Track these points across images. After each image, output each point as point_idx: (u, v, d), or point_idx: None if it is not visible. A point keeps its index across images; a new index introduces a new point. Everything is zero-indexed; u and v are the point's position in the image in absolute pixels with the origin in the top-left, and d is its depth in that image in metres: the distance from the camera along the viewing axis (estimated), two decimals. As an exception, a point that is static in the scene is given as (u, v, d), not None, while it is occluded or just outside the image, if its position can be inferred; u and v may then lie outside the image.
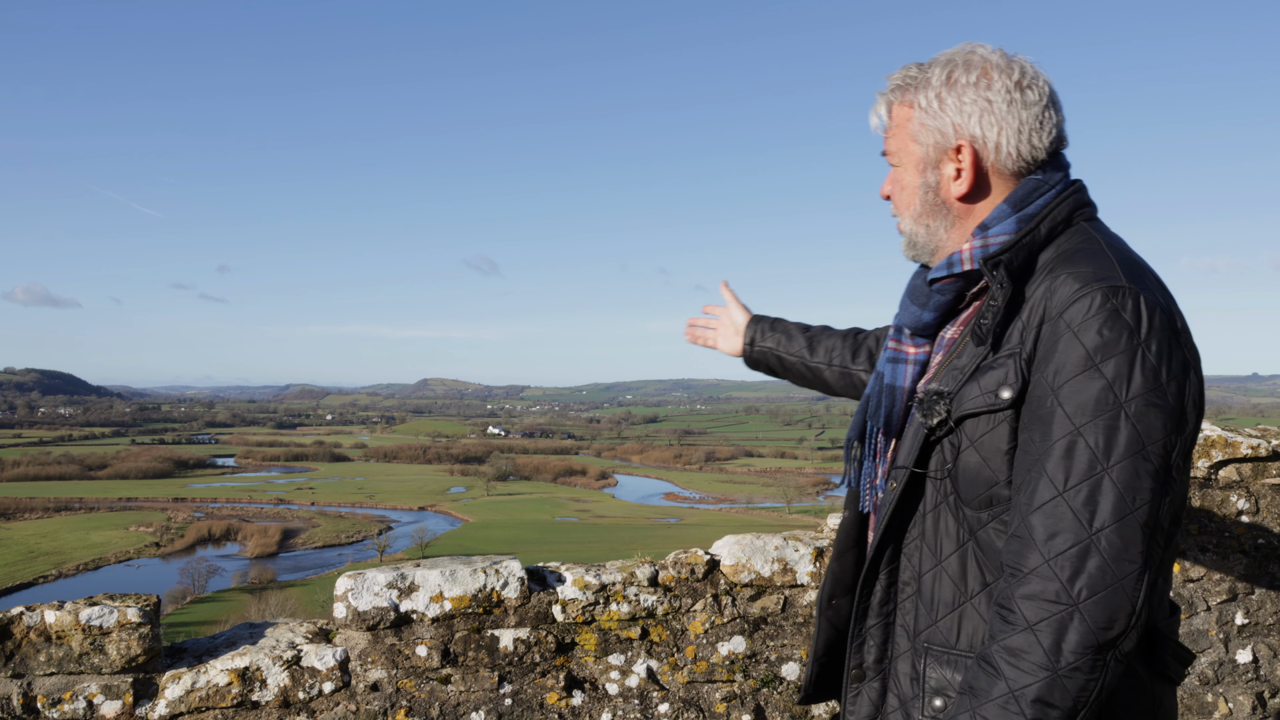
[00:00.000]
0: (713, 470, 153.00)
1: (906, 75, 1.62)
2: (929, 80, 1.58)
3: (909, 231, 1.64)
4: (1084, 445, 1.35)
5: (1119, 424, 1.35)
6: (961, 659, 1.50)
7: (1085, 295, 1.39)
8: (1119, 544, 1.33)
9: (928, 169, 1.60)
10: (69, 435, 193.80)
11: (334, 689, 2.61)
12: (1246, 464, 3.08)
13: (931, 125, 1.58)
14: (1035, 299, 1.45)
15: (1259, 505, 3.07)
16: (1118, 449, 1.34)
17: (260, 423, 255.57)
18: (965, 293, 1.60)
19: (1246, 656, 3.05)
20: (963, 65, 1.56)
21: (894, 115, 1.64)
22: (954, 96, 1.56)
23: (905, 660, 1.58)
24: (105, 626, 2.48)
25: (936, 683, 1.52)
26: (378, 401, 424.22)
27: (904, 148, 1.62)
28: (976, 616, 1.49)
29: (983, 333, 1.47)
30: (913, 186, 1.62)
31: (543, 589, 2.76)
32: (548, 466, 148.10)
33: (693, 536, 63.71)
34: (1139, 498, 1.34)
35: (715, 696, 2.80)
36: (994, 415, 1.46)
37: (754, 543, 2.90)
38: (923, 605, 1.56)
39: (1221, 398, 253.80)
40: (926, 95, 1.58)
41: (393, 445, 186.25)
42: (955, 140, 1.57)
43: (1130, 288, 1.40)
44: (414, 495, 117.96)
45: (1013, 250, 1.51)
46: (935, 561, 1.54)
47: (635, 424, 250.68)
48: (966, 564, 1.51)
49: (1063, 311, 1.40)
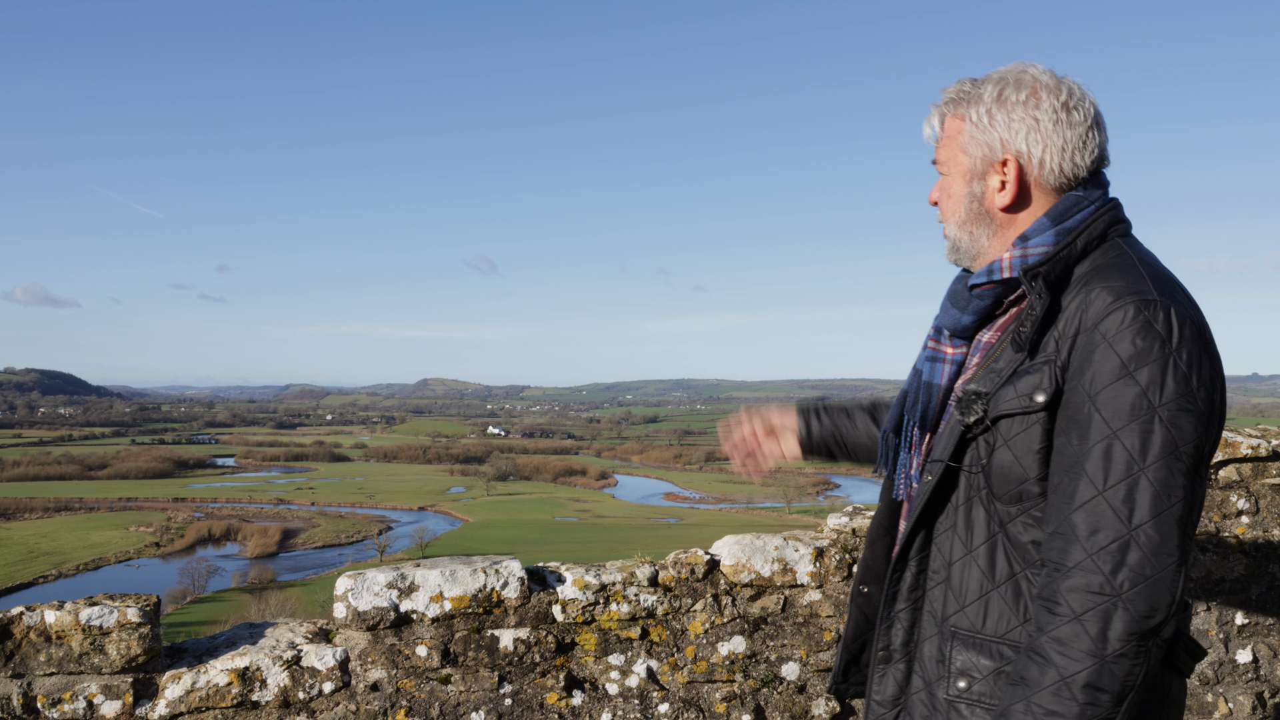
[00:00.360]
0: (713, 470, 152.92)
1: (960, 90, 1.71)
2: (981, 96, 1.67)
3: (953, 237, 1.73)
4: (1121, 447, 1.44)
5: (1153, 427, 1.44)
6: (987, 643, 1.59)
7: (1119, 308, 1.49)
8: (1157, 538, 1.43)
9: (974, 179, 1.69)
10: (69, 435, 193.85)
11: (334, 689, 2.61)
12: (1246, 464, 3.08)
13: (980, 139, 1.67)
14: (1071, 310, 1.54)
15: (1259, 505, 3.07)
16: (1153, 450, 1.44)
17: (260, 423, 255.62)
18: (1003, 299, 1.68)
19: (1246, 656, 3.05)
20: (1014, 84, 1.66)
21: (946, 127, 1.73)
22: (1004, 113, 1.65)
23: (931, 644, 1.67)
24: (105, 626, 2.48)
25: (962, 665, 1.61)
26: (378, 401, 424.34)
27: (953, 158, 1.71)
28: (1002, 604, 1.58)
29: (1021, 340, 1.57)
30: (959, 195, 1.71)
31: (543, 589, 2.76)
32: (548, 466, 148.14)
33: (693, 536, 63.72)
34: (1174, 495, 1.44)
35: (715, 696, 2.80)
36: (1028, 417, 1.55)
37: (754, 543, 2.90)
38: (951, 592, 1.64)
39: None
40: (978, 110, 1.67)
41: (393, 445, 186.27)
42: (1002, 154, 1.66)
43: (1161, 301, 1.49)
44: (414, 495, 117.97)
45: (1050, 262, 1.59)
46: (965, 551, 1.63)
47: (635, 424, 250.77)
48: (995, 555, 1.60)
49: (1098, 323, 1.49)
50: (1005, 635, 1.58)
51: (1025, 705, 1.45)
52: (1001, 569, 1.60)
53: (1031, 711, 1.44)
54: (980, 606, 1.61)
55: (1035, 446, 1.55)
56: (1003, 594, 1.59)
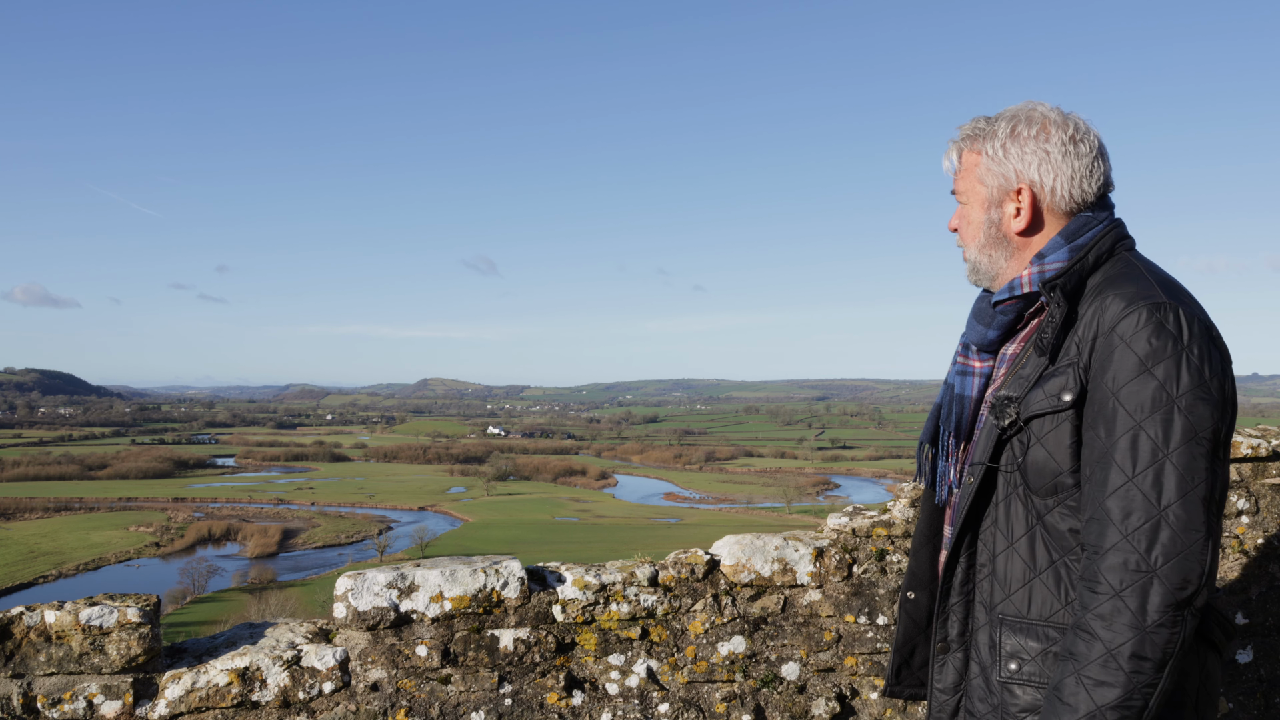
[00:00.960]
0: (713, 470, 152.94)
1: (976, 126, 1.91)
2: (995, 132, 1.87)
3: (974, 260, 1.92)
4: (1146, 437, 1.61)
5: (1174, 417, 1.60)
6: (1033, 627, 1.74)
7: (1133, 311, 1.66)
8: (1185, 517, 1.58)
9: (991, 207, 1.89)
10: (69, 435, 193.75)
11: (334, 689, 2.61)
12: (1246, 464, 3.08)
13: (996, 170, 1.87)
14: (1088, 317, 1.73)
15: (1259, 505, 3.07)
16: (1175, 438, 1.60)
17: (260, 423, 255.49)
18: (1024, 313, 1.87)
19: (1247, 657, 3.05)
20: (1025, 120, 1.86)
21: (963, 160, 1.93)
22: (1017, 147, 1.85)
23: (984, 632, 1.82)
24: (105, 626, 2.48)
25: (1011, 648, 1.76)
26: (378, 401, 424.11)
27: (971, 188, 1.91)
28: (1044, 590, 1.74)
29: (1044, 346, 1.74)
30: (978, 222, 1.90)
31: (543, 589, 2.76)
32: (548, 466, 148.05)
33: (693, 536, 63.71)
34: (1197, 477, 1.59)
35: (715, 696, 2.80)
36: (1057, 415, 1.72)
37: (754, 543, 2.90)
38: (997, 583, 1.80)
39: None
40: (993, 145, 1.87)
41: (393, 445, 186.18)
42: (1016, 184, 1.86)
43: (1170, 303, 1.67)
44: (414, 495, 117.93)
45: (1066, 275, 1.78)
46: (1008, 544, 1.79)
47: (635, 424, 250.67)
48: (1035, 545, 1.76)
49: (1114, 326, 1.67)
50: (1050, 618, 1.74)
51: (1076, 678, 1.59)
52: (1041, 557, 1.75)
53: (1083, 683, 1.58)
54: (1025, 594, 1.76)
55: (1066, 442, 1.70)
56: (1044, 580, 1.74)
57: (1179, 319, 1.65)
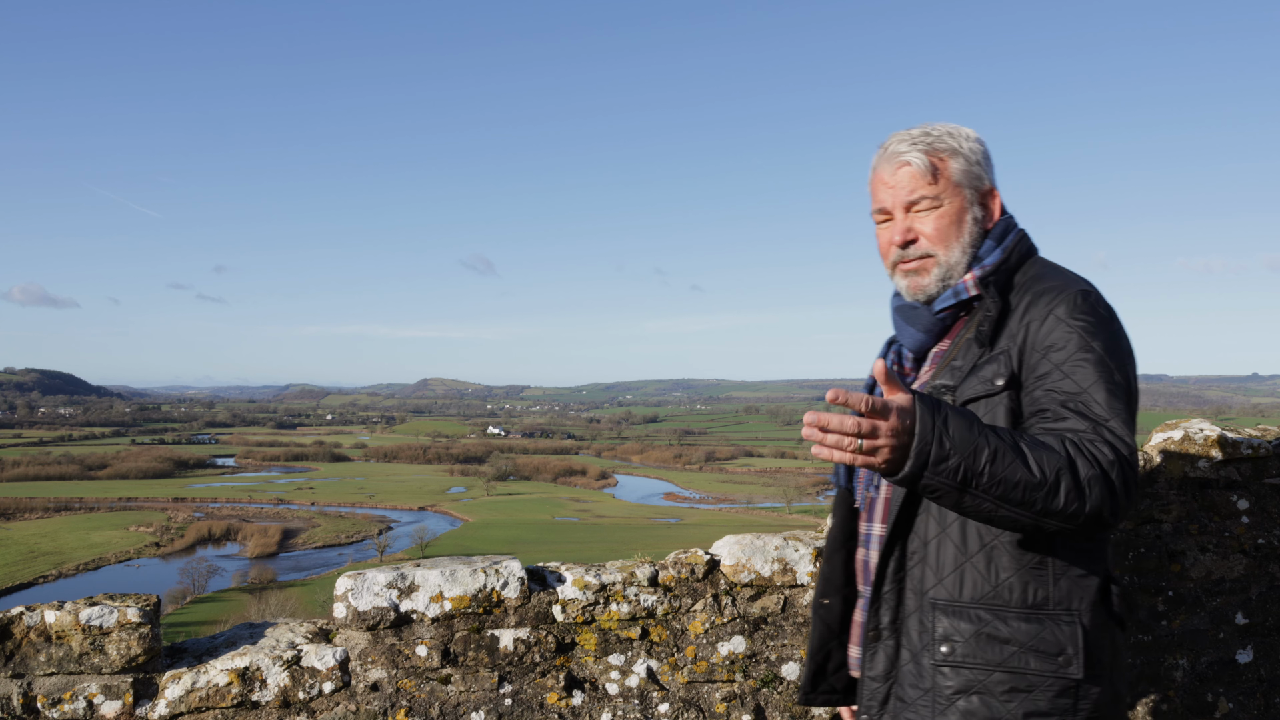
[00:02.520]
0: (713, 470, 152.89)
1: (928, 133, 1.99)
2: (955, 135, 1.99)
3: (954, 262, 1.97)
4: (1091, 398, 1.73)
5: (1115, 381, 1.76)
6: (966, 609, 1.79)
7: (1068, 296, 1.84)
8: (1132, 437, 1.73)
9: (973, 207, 1.98)
10: (69, 435, 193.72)
11: (334, 689, 2.61)
12: (1246, 464, 3.07)
13: (975, 172, 1.98)
14: (1021, 307, 1.87)
15: (1259, 505, 3.07)
16: (1118, 399, 1.74)
17: (260, 423, 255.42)
18: (956, 313, 1.98)
19: (1247, 657, 3.05)
20: (964, 132, 2.00)
21: (934, 165, 1.97)
22: (978, 153, 2.00)
23: (915, 618, 1.86)
24: (105, 626, 2.48)
25: (944, 632, 1.80)
26: (378, 401, 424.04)
27: (944, 192, 1.97)
28: (975, 573, 1.80)
29: (984, 337, 1.86)
30: (965, 223, 1.98)
31: (543, 589, 2.76)
32: (548, 466, 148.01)
33: (693, 536, 63.68)
34: (1132, 428, 1.75)
35: (715, 696, 2.80)
36: (991, 399, 1.82)
37: (754, 543, 2.90)
38: (929, 568, 1.84)
39: (1221, 398, 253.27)
40: (963, 149, 1.98)
41: (393, 445, 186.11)
42: (987, 185, 2.01)
43: (1093, 289, 1.88)
44: (414, 495, 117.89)
45: (998, 272, 1.95)
46: (940, 529, 1.83)
47: (635, 424, 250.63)
48: (967, 529, 1.81)
49: (1052, 309, 1.83)
50: (981, 600, 1.79)
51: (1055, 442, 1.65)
52: (973, 541, 1.81)
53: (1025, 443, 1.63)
54: (956, 577, 1.81)
55: (1000, 424, 1.78)
56: (975, 564, 1.80)
57: (1101, 300, 1.86)
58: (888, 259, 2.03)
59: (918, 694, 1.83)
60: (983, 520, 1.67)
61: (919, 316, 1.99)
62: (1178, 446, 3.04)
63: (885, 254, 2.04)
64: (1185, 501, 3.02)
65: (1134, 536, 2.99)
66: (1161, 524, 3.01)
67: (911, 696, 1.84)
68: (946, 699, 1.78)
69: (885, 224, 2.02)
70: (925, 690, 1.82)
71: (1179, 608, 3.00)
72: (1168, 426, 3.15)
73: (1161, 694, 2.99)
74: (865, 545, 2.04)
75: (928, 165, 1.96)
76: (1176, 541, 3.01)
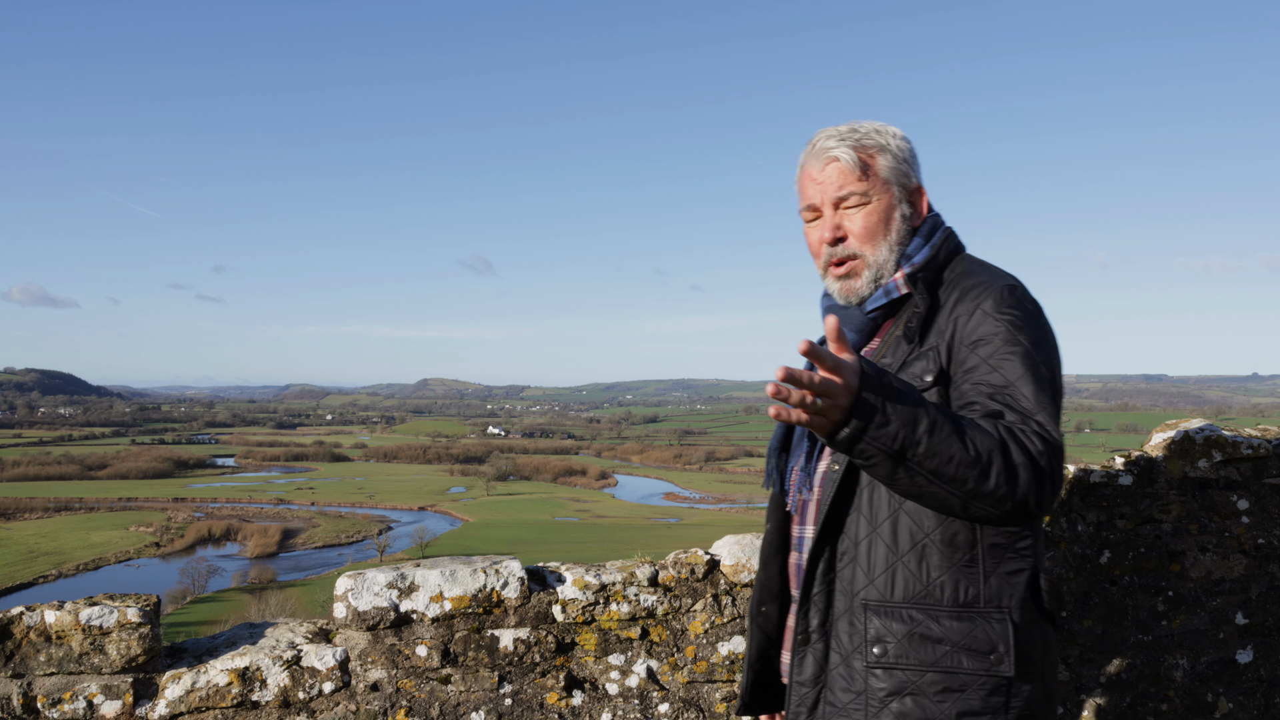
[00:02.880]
0: (713, 470, 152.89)
1: (855, 131, 1.98)
2: (884, 133, 1.98)
3: (884, 260, 1.96)
4: (1019, 392, 1.73)
5: (1042, 373, 1.76)
6: (897, 609, 1.78)
7: (995, 290, 1.85)
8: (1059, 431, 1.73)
9: (901, 204, 1.98)
10: (69, 435, 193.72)
11: (334, 689, 2.61)
12: (1246, 464, 3.07)
13: (901, 169, 1.98)
14: (950, 302, 1.88)
15: (1259, 505, 3.07)
16: (1045, 393, 1.74)
17: (260, 423, 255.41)
18: (889, 314, 1.98)
19: (1247, 657, 3.05)
20: (891, 130, 2.00)
21: (863, 162, 1.96)
22: (906, 150, 1.99)
23: (845, 620, 1.84)
24: (105, 626, 2.48)
25: (875, 633, 1.78)
26: (378, 401, 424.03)
27: (873, 189, 1.96)
28: (907, 572, 1.79)
29: (912, 334, 1.88)
30: (894, 220, 1.97)
31: (543, 589, 2.76)
32: (548, 466, 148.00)
33: (693, 536, 63.65)
34: (1059, 421, 1.75)
35: (715, 696, 2.80)
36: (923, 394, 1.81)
37: (754, 543, 2.90)
38: (859, 569, 1.82)
39: (1221, 398, 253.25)
40: (891, 146, 1.98)
41: (393, 445, 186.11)
42: (915, 183, 2.00)
43: (1019, 283, 1.88)
44: (414, 495, 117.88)
45: (926, 269, 1.95)
46: (871, 529, 1.82)
47: (635, 424, 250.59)
48: (898, 528, 1.80)
49: (979, 304, 1.83)
50: (913, 599, 1.77)
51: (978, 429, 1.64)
52: (904, 540, 1.79)
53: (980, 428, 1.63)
54: (888, 577, 1.79)
55: None
56: (907, 563, 1.78)
57: (1028, 294, 1.87)
58: (819, 259, 2.02)
59: (849, 697, 1.80)
60: (912, 497, 1.66)
61: (850, 316, 1.99)
62: (1178, 446, 3.04)
63: (816, 253, 2.02)
64: (1185, 501, 3.02)
65: (1134, 536, 2.99)
66: (1161, 524, 3.01)
67: (843, 700, 1.81)
68: (880, 701, 1.76)
69: (814, 221, 2.01)
70: (857, 693, 1.79)
71: (1179, 608, 3.00)
72: (1168, 426, 3.15)
73: (1161, 694, 2.99)
74: (798, 549, 2.01)
75: (857, 161, 1.94)
76: (1176, 541, 3.01)
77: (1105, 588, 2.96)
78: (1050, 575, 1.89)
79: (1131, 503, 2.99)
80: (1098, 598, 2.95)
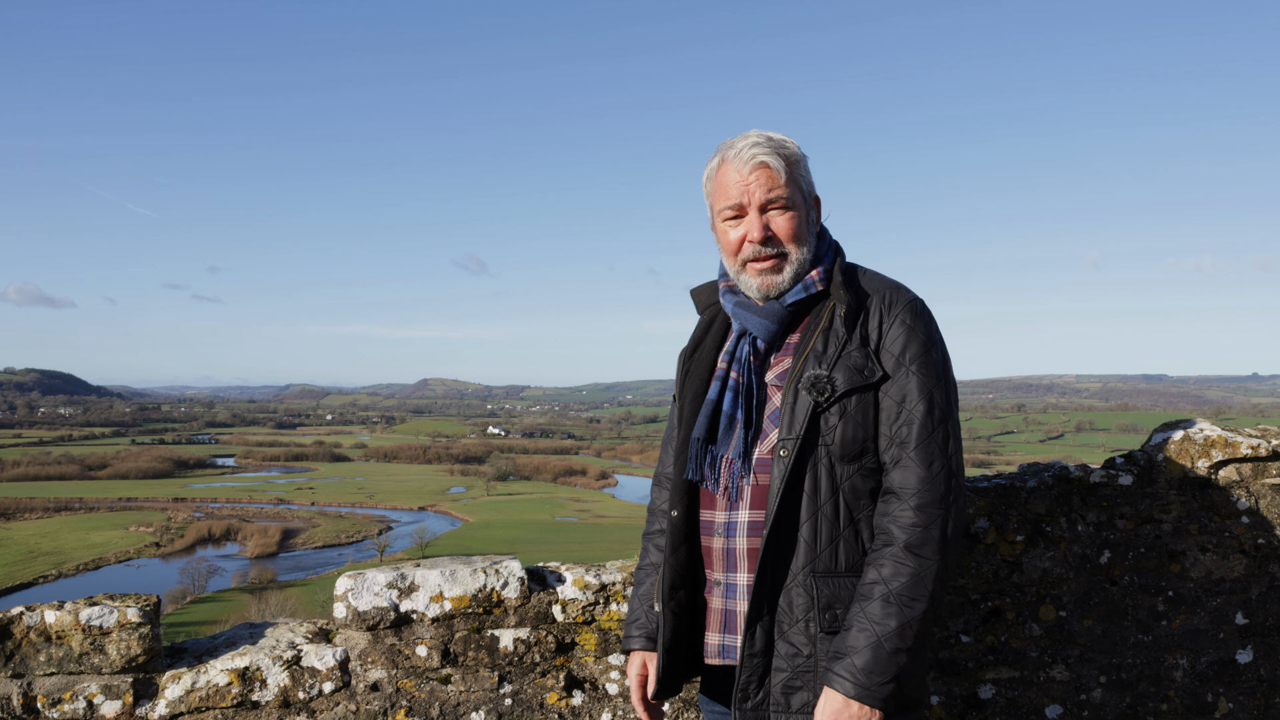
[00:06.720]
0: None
1: (772, 140, 2.15)
2: (794, 144, 2.17)
3: (803, 259, 2.15)
4: (934, 402, 2.02)
5: (946, 385, 2.06)
6: (841, 579, 2.01)
7: (903, 302, 2.09)
8: (961, 463, 2.05)
9: (810, 210, 2.19)
10: (69, 435, 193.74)
11: (334, 689, 2.61)
12: (1246, 464, 3.07)
13: (808, 178, 2.19)
14: (870, 307, 2.10)
15: (1259, 505, 3.06)
16: (952, 404, 2.06)
17: (260, 423, 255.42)
18: (803, 309, 2.17)
19: (1247, 657, 3.05)
20: (793, 141, 2.18)
21: (788, 169, 2.14)
22: (807, 162, 2.20)
23: (796, 590, 2.02)
24: (105, 626, 2.48)
25: (826, 601, 2.00)
26: (378, 401, 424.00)
27: (794, 195, 2.14)
28: (848, 544, 2.02)
29: (848, 327, 2.07)
30: (808, 224, 2.18)
31: (543, 589, 2.76)
32: (548, 466, 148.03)
33: (693, 536, 63.37)
34: (959, 429, 2.07)
35: (715, 696, 2.80)
36: (865, 393, 2.04)
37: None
38: (805, 543, 2.02)
39: (1221, 398, 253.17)
40: (801, 156, 2.18)
41: (393, 445, 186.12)
42: (814, 193, 2.21)
43: (919, 297, 2.13)
44: (414, 495, 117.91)
45: (835, 270, 2.16)
46: (815, 507, 2.02)
47: (635, 424, 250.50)
48: (839, 506, 2.03)
49: (898, 315, 2.07)
50: (853, 568, 2.01)
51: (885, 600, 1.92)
52: (844, 517, 2.02)
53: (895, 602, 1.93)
54: (831, 550, 2.01)
55: (871, 413, 2.04)
56: (847, 537, 2.02)
57: (926, 308, 2.11)
58: (737, 257, 2.16)
59: (801, 660, 2.00)
60: None
61: (770, 309, 2.15)
62: (1177, 446, 3.04)
63: (734, 251, 2.16)
64: (1185, 501, 3.02)
65: (1134, 536, 2.99)
66: (1161, 524, 3.01)
67: (795, 665, 2.01)
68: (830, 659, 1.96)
69: (736, 222, 2.15)
70: (808, 655, 2.00)
71: (1179, 608, 3.00)
72: (1167, 426, 3.15)
73: (1161, 694, 2.99)
74: (727, 533, 2.12)
75: (784, 168, 2.12)
76: (1176, 541, 3.01)
77: (1105, 588, 2.96)
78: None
79: (1131, 503, 2.99)
80: (1098, 598, 2.95)
